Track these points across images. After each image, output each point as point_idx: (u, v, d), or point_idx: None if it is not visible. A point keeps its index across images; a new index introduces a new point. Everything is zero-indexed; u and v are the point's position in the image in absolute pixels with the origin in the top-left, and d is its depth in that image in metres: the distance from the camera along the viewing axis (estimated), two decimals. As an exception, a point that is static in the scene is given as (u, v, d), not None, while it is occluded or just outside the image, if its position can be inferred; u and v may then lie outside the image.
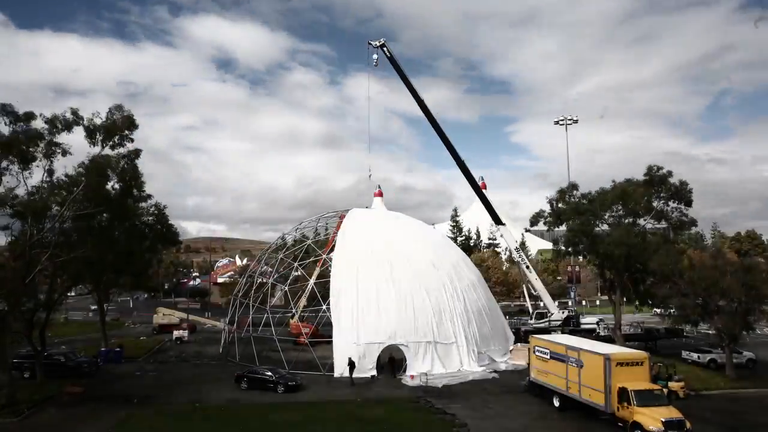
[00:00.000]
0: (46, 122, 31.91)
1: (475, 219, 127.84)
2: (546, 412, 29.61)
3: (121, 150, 35.95)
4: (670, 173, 45.00)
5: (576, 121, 69.04)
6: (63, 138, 32.51)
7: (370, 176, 56.94)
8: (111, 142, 35.06)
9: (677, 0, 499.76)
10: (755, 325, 39.20)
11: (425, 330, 39.19)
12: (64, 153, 32.42)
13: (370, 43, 54.52)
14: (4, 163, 30.98)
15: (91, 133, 34.31)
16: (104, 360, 44.21)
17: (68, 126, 32.56)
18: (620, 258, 44.31)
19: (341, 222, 49.53)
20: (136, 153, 36.99)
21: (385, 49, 54.30)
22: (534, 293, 59.43)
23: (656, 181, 45.22)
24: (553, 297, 65.48)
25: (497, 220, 63.11)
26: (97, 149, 34.60)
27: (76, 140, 34.20)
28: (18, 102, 39.97)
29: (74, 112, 32.83)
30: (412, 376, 37.01)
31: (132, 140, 36.06)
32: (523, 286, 61.09)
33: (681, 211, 45.64)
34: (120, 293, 68.43)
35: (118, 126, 34.92)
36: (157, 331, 65.77)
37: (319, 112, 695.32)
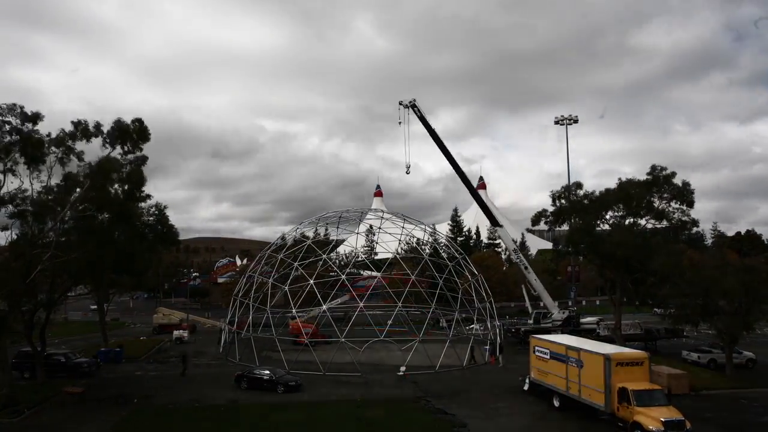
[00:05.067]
0: (73, 124, 32.87)
1: (475, 219, 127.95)
2: (546, 412, 29.61)
3: (129, 156, 36.76)
4: (673, 174, 45.05)
5: (576, 121, 68.85)
6: (79, 145, 33.37)
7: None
8: (124, 148, 36.03)
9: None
10: (755, 325, 39.18)
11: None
12: (79, 158, 33.24)
13: (401, 103, 55.18)
14: (9, 164, 31.14)
15: (104, 139, 35.25)
16: (104, 360, 44.22)
17: (88, 135, 33.43)
18: (621, 258, 44.28)
19: None
20: (143, 159, 37.63)
21: (415, 109, 54.82)
22: (534, 293, 59.39)
23: (660, 181, 45.18)
24: (553, 297, 65.48)
25: (494, 222, 63.72)
26: (106, 151, 35.32)
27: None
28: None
29: (97, 125, 33.88)
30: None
31: (141, 149, 37.00)
32: (523, 286, 61.09)
33: (683, 211, 45.60)
34: (120, 293, 68.50)
35: (131, 134, 35.75)
36: (157, 331, 65.85)
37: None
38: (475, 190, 61.83)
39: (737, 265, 40.22)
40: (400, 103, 55.10)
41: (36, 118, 31.75)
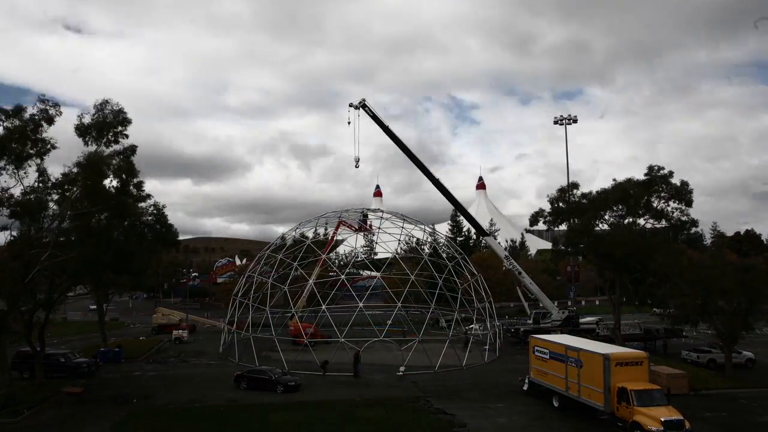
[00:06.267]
0: (26, 121, 31.30)
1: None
2: (546, 412, 29.59)
3: (116, 147, 36.00)
4: (671, 173, 45.11)
5: (576, 121, 68.90)
6: (50, 132, 32.07)
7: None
8: (104, 140, 35.09)
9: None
10: (755, 325, 39.18)
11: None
12: (53, 147, 32.01)
13: (351, 105, 55.58)
14: (1, 163, 30.99)
15: (83, 132, 34.46)
16: (103, 360, 44.19)
17: (49, 120, 31.79)
18: (621, 258, 44.29)
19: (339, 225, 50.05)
20: (132, 149, 36.91)
21: (366, 108, 55.36)
22: (531, 296, 59.42)
23: (657, 180, 45.25)
24: (552, 297, 65.45)
25: (482, 232, 64.04)
26: (92, 148, 34.76)
27: (71, 139, 34.48)
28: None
29: (43, 100, 31.90)
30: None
31: (126, 136, 36.07)
32: (518, 288, 61.19)
33: (681, 210, 45.63)
34: (119, 293, 68.51)
35: (110, 123, 34.94)
36: (156, 331, 65.85)
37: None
38: (458, 202, 62.34)
39: (737, 264, 40.25)
40: (351, 105, 55.60)
41: (19, 111, 31.16)
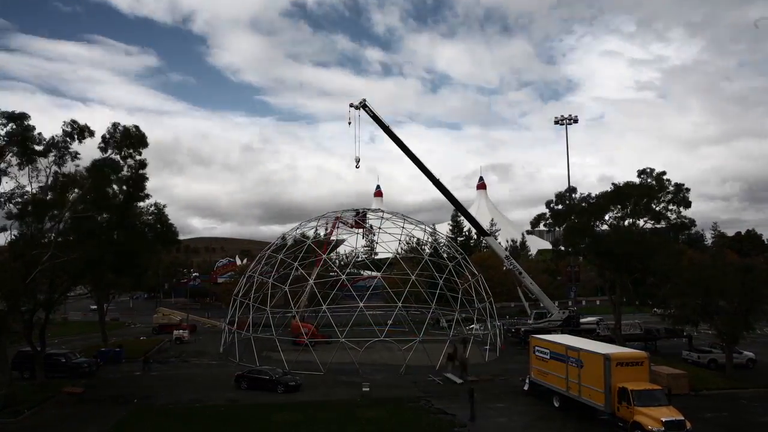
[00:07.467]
0: (63, 133, 33.74)
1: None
2: (546, 412, 29.59)
3: (129, 161, 38.12)
4: (663, 173, 45.21)
5: (576, 121, 68.83)
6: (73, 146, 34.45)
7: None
8: (122, 153, 37.39)
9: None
10: (756, 325, 39.15)
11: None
12: (74, 158, 34.29)
13: (351, 105, 55.35)
14: (3, 164, 31.34)
15: (106, 143, 36.71)
16: (104, 360, 44.19)
17: (81, 136, 34.41)
18: (621, 258, 44.28)
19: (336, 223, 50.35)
20: (143, 163, 38.75)
21: (366, 109, 55.22)
22: (532, 296, 59.36)
23: (656, 184, 45.28)
24: (553, 297, 65.40)
25: (482, 232, 63.97)
26: (105, 154, 36.20)
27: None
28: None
29: (84, 128, 34.60)
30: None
31: (140, 153, 38.29)
32: (518, 288, 61.16)
33: (679, 212, 45.63)
34: (120, 293, 68.49)
35: (131, 141, 37.28)
36: (156, 332, 65.86)
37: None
38: (459, 202, 62.38)
39: (737, 265, 40.23)
40: (351, 105, 55.32)
41: (23, 118, 32.61)
